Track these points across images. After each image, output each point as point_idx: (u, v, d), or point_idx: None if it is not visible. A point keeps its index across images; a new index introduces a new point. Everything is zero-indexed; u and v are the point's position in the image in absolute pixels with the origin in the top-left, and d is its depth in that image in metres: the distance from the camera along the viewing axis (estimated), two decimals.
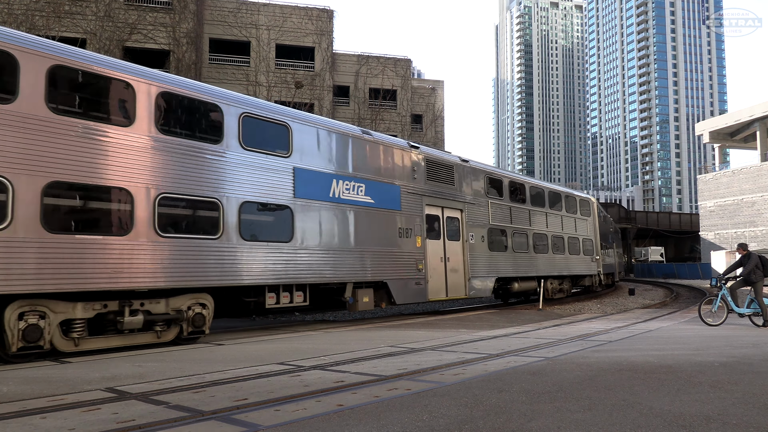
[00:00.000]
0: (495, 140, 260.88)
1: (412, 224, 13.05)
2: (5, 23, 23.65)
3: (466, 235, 14.94)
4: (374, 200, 12.09)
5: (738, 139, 50.96)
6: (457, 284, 14.36)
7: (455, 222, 14.80)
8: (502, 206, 17.01)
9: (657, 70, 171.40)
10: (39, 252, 7.02)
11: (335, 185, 11.26)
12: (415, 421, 3.68)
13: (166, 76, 9.10)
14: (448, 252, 14.28)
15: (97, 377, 5.59)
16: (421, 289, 13.04)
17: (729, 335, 9.23)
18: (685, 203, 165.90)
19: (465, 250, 14.87)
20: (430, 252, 13.55)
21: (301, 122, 10.89)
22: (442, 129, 37.66)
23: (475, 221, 15.46)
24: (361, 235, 11.68)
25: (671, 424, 3.54)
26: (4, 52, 7.04)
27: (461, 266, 14.69)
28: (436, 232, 14.01)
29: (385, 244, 12.26)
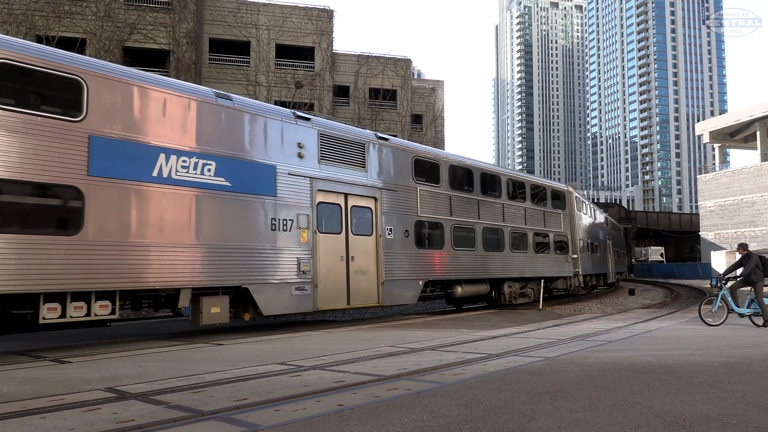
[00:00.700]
0: (495, 140, 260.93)
1: (295, 215, 10.56)
2: (5, 23, 23.66)
3: (381, 228, 12.35)
4: (231, 182, 9.61)
5: (738, 139, 50.97)
6: (365, 289, 11.83)
7: (365, 213, 12.25)
8: (439, 195, 14.30)
9: (657, 70, 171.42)
10: None
11: (165, 162, 8.71)
12: (415, 421, 3.68)
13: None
14: (352, 249, 11.73)
15: (97, 377, 5.59)
16: (306, 296, 10.54)
17: (729, 335, 9.22)
18: (685, 203, 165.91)
19: (379, 247, 12.25)
20: (323, 249, 11.03)
21: (106, 77, 8.33)
22: (442, 129, 37.66)
23: (396, 212, 12.89)
24: (207, 227, 9.16)
25: (671, 424, 3.54)
26: None
27: (373, 267, 12.11)
28: (336, 225, 11.52)
29: (247, 239, 9.74)
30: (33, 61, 7.64)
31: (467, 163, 15.92)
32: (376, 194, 12.54)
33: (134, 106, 8.62)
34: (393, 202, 12.93)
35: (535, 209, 18.64)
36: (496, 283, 16.57)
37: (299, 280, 10.52)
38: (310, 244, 10.84)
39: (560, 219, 20.40)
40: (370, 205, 12.42)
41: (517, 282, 17.46)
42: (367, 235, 12.23)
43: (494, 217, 16.52)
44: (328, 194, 11.44)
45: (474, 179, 15.87)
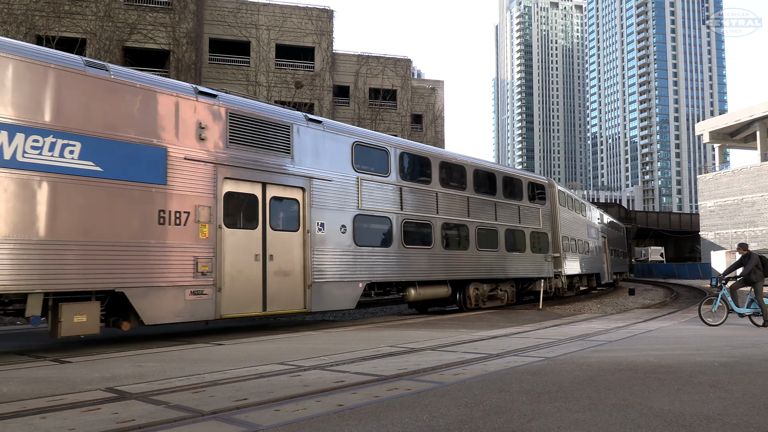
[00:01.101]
0: (495, 140, 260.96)
1: (193, 206, 9.12)
2: (5, 23, 23.67)
3: (309, 223, 10.84)
4: (103, 167, 8.17)
5: (738, 139, 50.99)
6: (287, 292, 10.37)
7: (290, 205, 10.79)
8: (385, 186, 12.81)
9: (657, 70, 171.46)
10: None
11: (8, 141, 7.36)
12: (415, 421, 3.68)
13: None
14: (271, 247, 10.24)
15: (97, 377, 5.59)
16: (205, 301, 9.08)
17: (729, 335, 9.23)
18: (685, 203, 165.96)
19: (307, 244, 10.75)
20: (231, 247, 9.58)
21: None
22: (442, 129, 37.66)
23: (329, 205, 11.37)
24: (67, 220, 7.81)
25: (671, 424, 3.54)
26: None
27: (298, 267, 10.60)
28: (250, 219, 10.08)
29: (125, 234, 8.29)
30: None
31: (424, 151, 14.38)
32: (305, 184, 10.94)
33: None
34: (326, 193, 11.39)
35: (507, 203, 16.92)
36: (461, 284, 15.07)
37: (196, 282, 9.00)
38: (213, 241, 9.29)
39: (539, 214, 18.53)
40: (297, 197, 10.86)
41: (486, 283, 15.91)
42: (291, 230, 10.70)
43: (457, 211, 14.85)
44: (239, 183, 9.90)
45: (432, 169, 14.25)
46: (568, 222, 22.20)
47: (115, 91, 8.45)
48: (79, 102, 8.12)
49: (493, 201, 16.32)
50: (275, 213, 10.51)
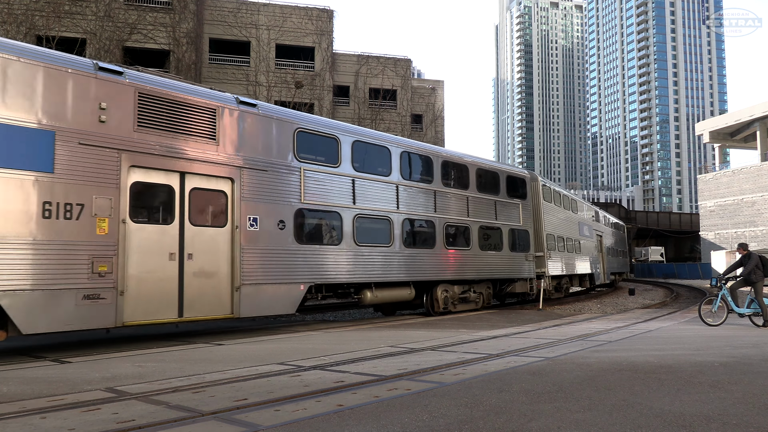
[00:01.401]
0: (495, 140, 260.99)
1: (89, 198, 8.02)
2: (5, 23, 23.67)
3: (240, 218, 9.73)
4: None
5: (738, 139, 51.00)
6: (210, 296, 9.22)
7: (216, 198, 9.64)
8: (336, 178, 11.65)
9: (657, 70, 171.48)
10: None
11: None
12: (415, 421, 3.68)
13: None
14: (191, 245, 9.10)
15: (97, 377, 5.59)
16: (102, 306, 7.99)
17: (729, 335, 9.22)
18: (685, 203, 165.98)
19: (236, 242, 9.62)
20: (139, 244, 8.46)
21: None
22: (442, 129, 37.66)
23: (265, 198, 10.21)
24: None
25: (671, 424, 3.54)
26: None
27: (224, 268, 9.48)
28: (163, 213, 8.95)
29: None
30: None
31: (383, 140, 13.16)
32: (234, 174, 9.77)
33: None
34: (261, 185, 10.20)
35: (481, 198, 15.61)
36: (427, 286, 13.97)
37: (91, 285, 7.91)
38: (115, 237, 8.19)
39: (519, 210, 17.21)
40: (224, 188, 9.70)
41: (457, 285, 14.77)
42: (217, 226, 9.55)
43: (421, 206, 13.65)
44: (150, 172, 8.75)
45: (392, 160, 13.06)
46: (555, 219, 20.89)
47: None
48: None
49: (465, 195, 15.03)
50: (196, 206, 9.33)
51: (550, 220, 20.12)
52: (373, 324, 12.13)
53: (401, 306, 14.97)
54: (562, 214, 22.37)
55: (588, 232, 26.96)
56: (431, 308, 14.07)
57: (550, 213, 20.29)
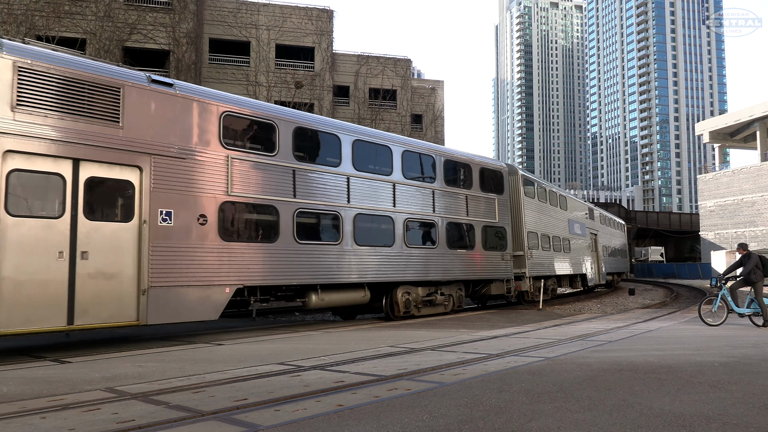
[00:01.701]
0: (495, 140, 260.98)
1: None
2: (5, 23, 23.68)
3: (149, 211, 8.60)
4: None
5: (738, 139, 51.00)
6: (109, 300, 8.16)
7: (121, 189, 8.53)
8: (272, 167, 10.42)
9: (657, 70, 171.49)
10: None
11: None
12: (415, 421, 3.68)
13: None
14: (86, 242, 7.99)
15: (97, 377, 5.59)
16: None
17: (729, 335, 9.22)
18: (685, 203, 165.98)
19: (144, 238, 8.52)
20: (18, 241, 7.42)
21: None
22: (442, 129, 37.67)
23: (182, 189, 9.06)
24: None
25: (671, 424, 3.54)
26: None
27: (129, 268, 8.42)
28: (51, 205, 7.86)
29: None
30: None
31: (331, 126, 12.00)
32: (142, 162, 8.61)
33: None
34: (177, 174, 9.04)
35: (450, 192, 14.39)
36: (386, 287, 12.79)
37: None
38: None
39: (494, 206, 15.91)
40: (131, 178, 8.53)
41: (421, 287, 13.53)
42: (120, 221, 8.43)
43: (377, 199, 12.36)
44: (34, 159, 7.69)
45: (342, 149, 11.82)
46: (538, 216, 19.62)
47: None
48: None
49: (430, 189, 13.74)
50: (94, 198, 8.21)
51: (532, 216, 18.90)
52: (373, 324, 12.14)
53: (362, 310, 13.94)
54: (548, 211, 21.04)
55: (580, 230, 25.53)
56: (391, 312, 12.84)
57: (532, 209, 19.03)
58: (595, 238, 28.79)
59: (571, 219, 24.22)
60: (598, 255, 28.82)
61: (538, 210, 19.76)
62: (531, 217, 18.78)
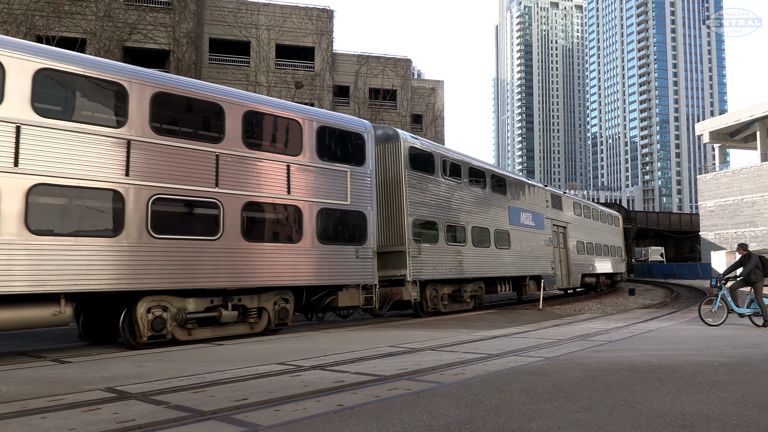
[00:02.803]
0: (495, 140, 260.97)
1: None
2: (5, 23, 23.68)
3: None
4: None
5: (738, 139, 51.00)
6: None
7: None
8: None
9: (657, 70, 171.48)
10: None
11: None
12: (415, 421, 3.68)
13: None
14: None
15: (97, 377, 5.59)
16: None
17: (729, 335, 9.22)
18: (685, 203, 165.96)
19: None
20: None
21: None
22: (442, 129, 37.67)
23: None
24: None
25: (671, 424, 3.54)
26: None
27: None
28: None
29: None
30: None
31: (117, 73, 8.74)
32: None
33: None
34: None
35: (254, 158, 10.08)
36: (129, 299, 8.59)
37: None
38: None
39: (346, 181, 11.67)
40: None
41: (195, 298, 9.25)
42: None
43: (93, 166, 8.12)
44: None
45: (128, 103, 8.67)
46: (440, 199, 15.04)
47: None
48: None
49: (213, 152, 9.46)
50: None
51: (425, 199, 14.44)
52: (373, 324, 12.13)
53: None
54: (462, 193, 16.15)
55: (535, 221, 20.43)
56: (131, 337, 8.60)
57: (425, 189, 14.51)
58: (564, 231, 23.38)
59: (515, 206, 19.00)
60: (568, 252, 23.42)
61: (440, 190, 15.13)
62: (421, 200, 14.27)
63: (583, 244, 26.03)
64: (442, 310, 14.87)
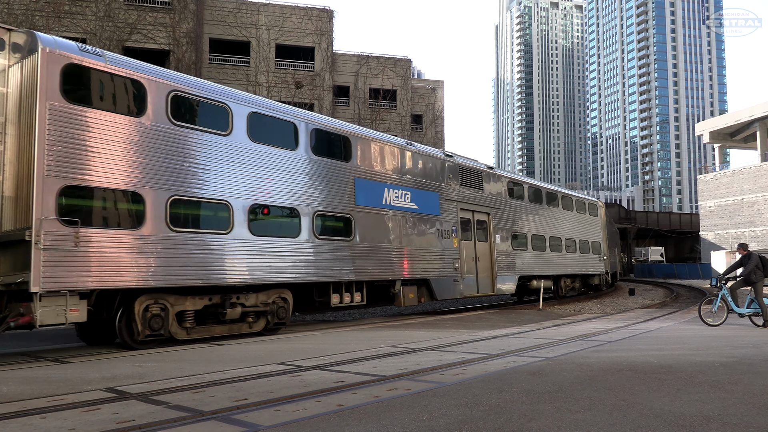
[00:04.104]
0: (495, 140, 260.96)
1: None
2: (5, 23, 23.68)
3: None
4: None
5: (738, 139, 51.00)
6: None
7: None
8: None
9: (657, 70, 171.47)
10: None
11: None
12: (415, 421, 3.68)
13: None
14: None
15: (97, 377, 5.59)
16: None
17: (729, 335, 9.22)
18: (685, 203, 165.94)
19: None
20: None
21: None
22: (442, 129, 37.66)
23: None
24: None
25: (671, 424, 3.54)
26: None
27: None
28: None
29: None
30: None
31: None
32: None
33: None
34: None
35: None
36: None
37: None
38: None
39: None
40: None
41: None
42: None
43: None
44: None
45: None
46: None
47: None
48: None
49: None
50: None
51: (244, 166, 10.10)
52: (373, 324, 12.13)
53: None
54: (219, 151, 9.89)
55: (421, 202, 14.48)
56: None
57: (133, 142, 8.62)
58: (488, 218, 17.26)
59: (375, 180, 13.10)
60: (492, 247, 17.15)
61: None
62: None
63: (525, 238, 19.27)
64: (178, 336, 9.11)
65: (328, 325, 12.48)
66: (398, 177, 13.94)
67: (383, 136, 14.16)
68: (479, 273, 16.30)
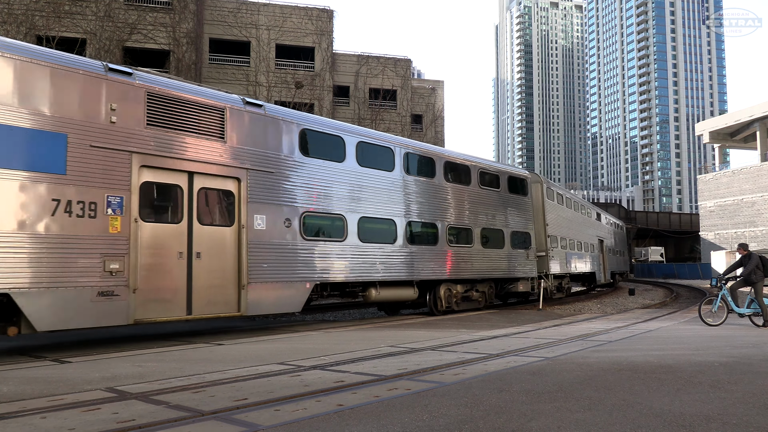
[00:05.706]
0: (495, 140, 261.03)
1: None
2: (5, 23, 23.67)
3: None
4: None
5: (738, 139, 51.02)
6: None
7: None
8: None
9: (657, 70, 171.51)
10: None
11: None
12: (415, 421, 3.68)
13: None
14: None
15: (97, 377, 5.59)
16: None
17: (729, 335, 9.22)
18: (685, 203, 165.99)
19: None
20: None
21: None
22: (442, 129, 37.66)
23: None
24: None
25: (671, 424, 3.54)
26: None
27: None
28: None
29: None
30: None
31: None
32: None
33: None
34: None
35: None
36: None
37: None
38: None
39: None
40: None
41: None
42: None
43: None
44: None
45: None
46: None
47: None
48: None
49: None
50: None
51: None
52: (373, 324, 12.12)
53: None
54: None
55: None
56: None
57: None
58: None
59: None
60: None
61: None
62: None
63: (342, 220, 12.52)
64: None
65: (328, 325, 12.48)
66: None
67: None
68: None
